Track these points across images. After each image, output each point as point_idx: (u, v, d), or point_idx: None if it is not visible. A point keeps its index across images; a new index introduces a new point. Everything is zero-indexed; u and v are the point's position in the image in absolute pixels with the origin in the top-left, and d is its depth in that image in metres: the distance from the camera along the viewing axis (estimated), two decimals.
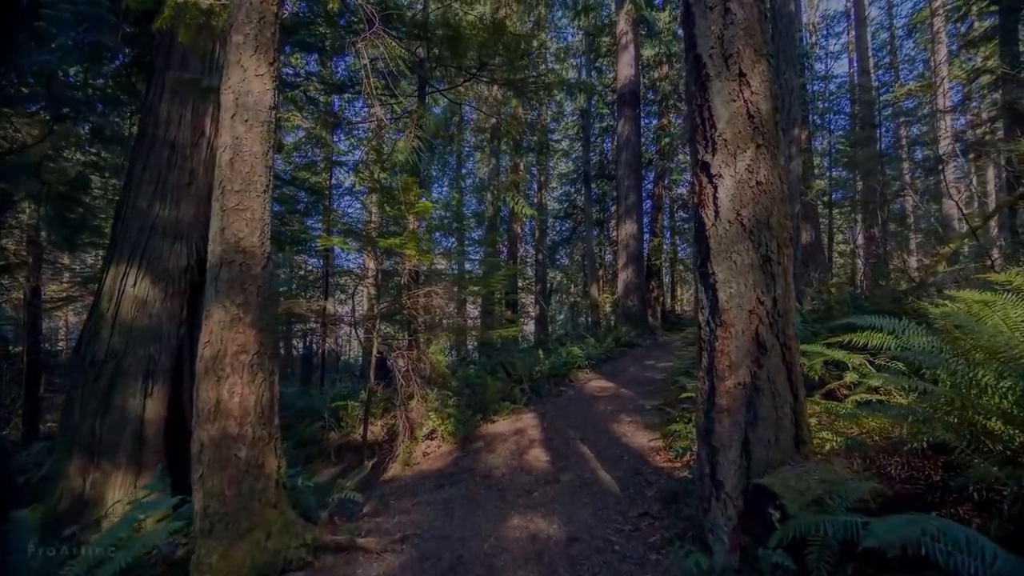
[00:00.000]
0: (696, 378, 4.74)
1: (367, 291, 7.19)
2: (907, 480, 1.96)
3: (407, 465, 5.69)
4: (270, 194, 2.85)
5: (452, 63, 9.70)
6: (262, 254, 2.76)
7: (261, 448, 2.63)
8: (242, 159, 2.75)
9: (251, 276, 2.69)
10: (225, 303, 2.64)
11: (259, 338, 2.70)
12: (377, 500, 4.77)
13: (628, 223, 11.47)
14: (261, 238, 2.76)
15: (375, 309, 6.69)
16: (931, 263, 7.14)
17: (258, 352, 2.68)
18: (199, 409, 2.61)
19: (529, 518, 3.42)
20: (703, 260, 2.42)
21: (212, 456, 2.55)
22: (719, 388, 2.30)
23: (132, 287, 4.80)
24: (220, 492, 2.53)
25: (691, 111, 2.54)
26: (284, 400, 9.49)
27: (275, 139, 3.71)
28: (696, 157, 2.49)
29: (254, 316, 2.68)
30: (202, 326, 2.70)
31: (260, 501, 2.60)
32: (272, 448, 2.71)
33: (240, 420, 2.58)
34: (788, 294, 2.28)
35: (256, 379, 2.66)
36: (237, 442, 2.57)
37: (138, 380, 4.70)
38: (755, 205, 2.28)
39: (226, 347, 2.61)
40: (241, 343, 2.63)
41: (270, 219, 2.83)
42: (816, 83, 15.08)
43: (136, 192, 5.02)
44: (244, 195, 2.73)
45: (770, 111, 2.37)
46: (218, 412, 2.57)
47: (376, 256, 6.72)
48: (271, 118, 2.88)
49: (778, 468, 2.16)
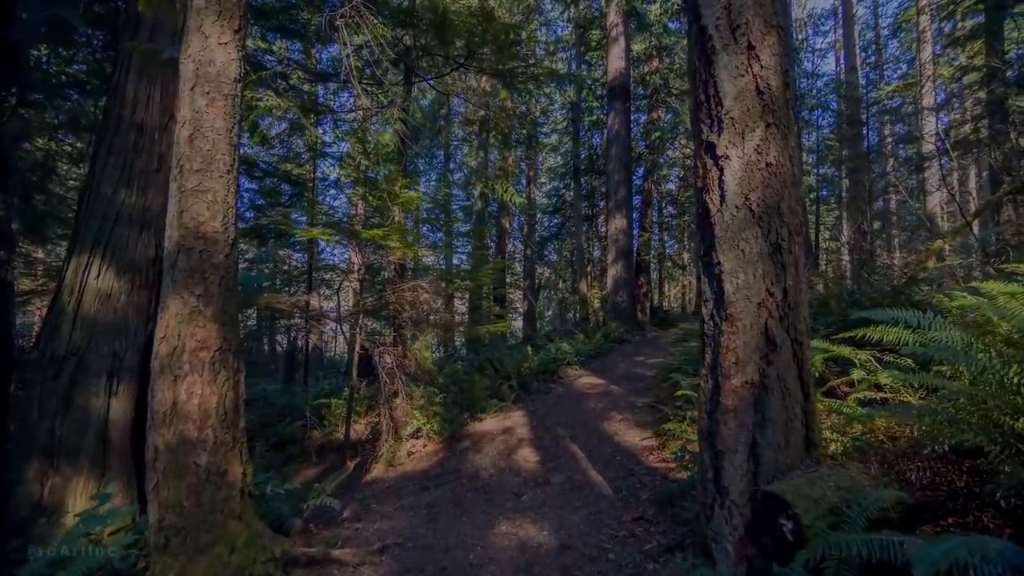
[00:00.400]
0: (698, 376, 4.61)
1: (352, 286, 6.93)
2: (928, 486, 1.81)
3: (391, 466, 5.47)
4: (235, 175, 2.59)
5: (439, 52, 9.42)
6: (225, 240, 2.50)
7: (224, 454, 2.39)
8: (203, 136, 2.49)
9: (213, 265, 2.44)
10: (183, 294, 2.38)
11: (222, 333, 2.45)
12: (358, 503, 4.54)
13: (618, 218, 11.33)
14: (224, 223, 2.50)
15: (358, 304, 6.43)
16: (920, 259, 7.12)
17: (220, 348, 2.43)
18: (154, 411, 2.35)
19: (518, 524, 3.23)
20: (707, 249, 2.24)
21: (168, 463, 2.30)
22: (724, 387, 2.12)
23: (95, 279, 4.48)
24: (177, 503, 2.29)
25: (694, 88, 2.35)
26: (266, 398, 9.18)
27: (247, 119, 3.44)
28: (700, 138, 2.30)
29: (216, 308, 2.43)
30: (158, 320, 2.44)
31: (222, 512, 2.36)
32: (237, 453, 2.46)
33: (200, 423, 2.33)
34: (799, 285, 2.11)
35: (218, 378, 2.41)
36: (196, 448, 2.32)
37: (101, 378, 4.40)
38: (765, 189, 2.11)
39: (184, 343, 2.35)
40: (201, 338, 2.38)
41: (235, 202, 2.58)
42: (803, 80, 15.10)
43: (100, 178, 4.70)
44: (205, 175, 2.47)
45: (781, 87, 2.19)
46: (175, 415, 2.31)
47: (360, 249, 6.45)
48: (236, 92, 2.62)
49: (788, 473, 2.00)
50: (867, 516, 1.64)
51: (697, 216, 2.34)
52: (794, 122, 2.18)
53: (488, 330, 7.88)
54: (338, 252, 16.03)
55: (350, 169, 8.18)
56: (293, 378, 12.19)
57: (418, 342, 7.65)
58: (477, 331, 8.33)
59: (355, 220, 10.40)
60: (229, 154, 2.55)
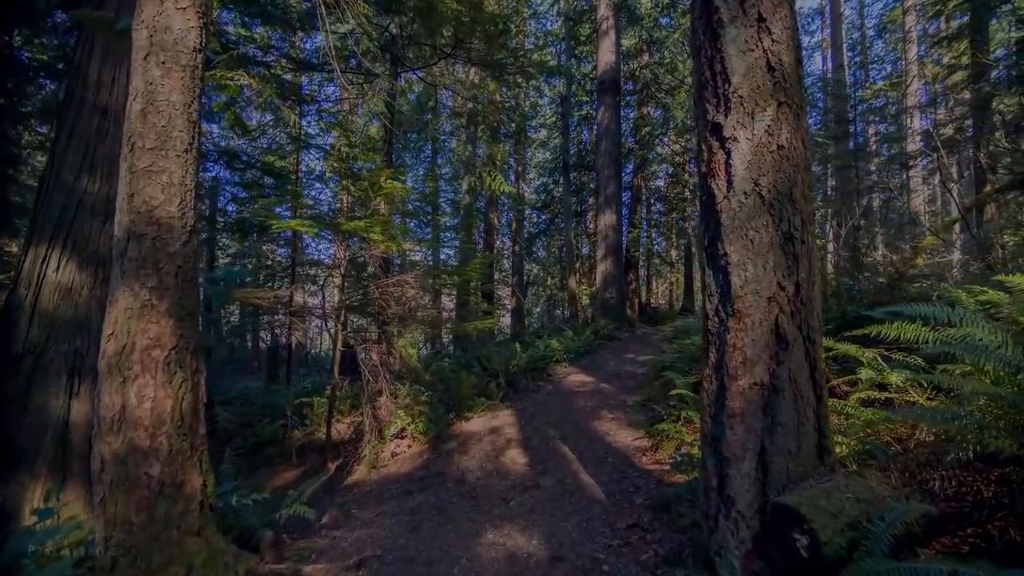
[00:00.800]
0: (693, 375, 4.47)
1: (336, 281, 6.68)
2: (953, 497, 1.66)
3: (374, 467, 5.24)
4: (195, 155, 2.34)
5: (426, 41, 9.14)
6: (182, 227, 2.25)
7: (180, 463, 2.15)
8: (157, 110, 2.23)
9: (168, 254, 2.19)
10: (133, 286, 2.13)
11: (179, 329, 2.20)
12: (338, 509, 4.32)
13: (607, 213, 11.19)
14: (181, 207, 2.25)
15: (340, 299, 6.17)
16: (911, 256, 7.10)
17: (177, 347, 2.19)
18: (100, 417, 2.11)
19: (506, 532, 3.05)
20: (712, 239, 2.07)
21: (116, 475, 2.06)
22: (731, 388, 1.96)
23: (55, 272, 4.19)
24: (126, 519, 2.05)
25: (699, 65, 2.17)
26: (246, 396, 8.85)
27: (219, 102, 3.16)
28: (705, 118, 2.12)
29: (172, 302, 2.19)
30: (106, 315, 2.19)
31: (178, 528, 2.13)
32: (195, 463, 2.23)
33: (152, 430, 2.09)
34: (812, 278, 1.95)
35: (174, 379, 2.17)
36: (148, 457, 2.08)
37: (61, 377, 4.12)
38: (776, 173, 1.94)
39: (134, 340, 2.11)
40: (154, 335, 2.13)
41: (194, 185, 2.32)
42: None
43: (61, 164, 4.39)
44: (159, 154, 2.21)
45: (793, 63, 2.02)
46: (124, 421, 2.07)
47: (344, 243, 6.18)
48: (196, 63, 2.36)
49: (800, 483, 1.84)
50: (893, 533, 1.48)
51: (702, 204, 2.16)
52: (805, 102, 2.02)
53: (475, 327, 7.67)
54: (324, 247, 15.65)
55: (335, 161, 7.90)
56: (276, 376, 11.87)
57: (403, 339, 7.41)
58: (464, 328, 8.12)
59: (340, 214, 10.09)
60: (187, 131, 2.29)
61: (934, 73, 12.68)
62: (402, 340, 7.55)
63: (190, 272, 2.26)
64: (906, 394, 2.58)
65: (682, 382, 4.06)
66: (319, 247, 14.89)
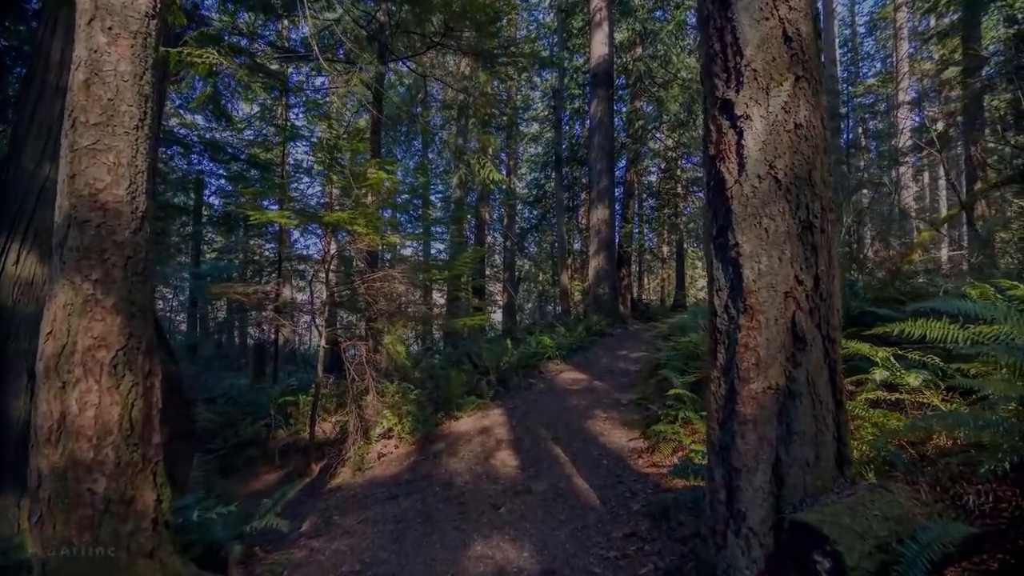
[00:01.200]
0: (690, 374, 4.30)
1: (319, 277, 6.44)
2: (989, 513, 1.50)
3: (359, 470, 5.03)
4: (147, 133, 2.09)
5: (415, 29, 8.86)
6: (133, 213, 2.01)
7: (130, 477, 1.93)
8: (103, 81, 1.98)
9: (115, 243, 1.95)
10: (75, 279, 1.89)
11: (128, 328, 1.97)
12: (319, 515, 4.11)
13: (600, 208, 11.01)
14: (131, 191, 2.01)
15: (324, 295, 5.92)
16: (908, 251, 7.03)
17: (126, 347, 1.95)
18: (37, 427, 1.87)
19: (495, 543, 2.85)
20: (721, 228, 1.88)
21: (55, 491, 1.83)
22: (741, 392, 1.78)
23: (14, 265, 3.90)
24: (66, 540, 1.82)
25: (707, 37, 1.98)
26: (230, 395, 8.55)
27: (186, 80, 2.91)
28: (714, 95, 1.93)
29: (120, 298, 1.95)
30: (44, 311, 1.95)
31: (128, 550, 1.90)
32: (148, 476, 2.00)
33: (96, 441, 1.86)
34: (832, 271, 1.77)
35: (122, 384, 1.93)
36: (92, 472, 1.85)
37: (22, 378, 3.84)
38: (793, 155, 1.75)
39: (76, 340, 1.87)
40: (99, 334, 1.90)
41: (146, 167, 2.08)
42: None
43: (22, 150, 4.09)
44: (105, 130, 1.97)
45: (811, 34, 1.83)
46: (64, 431, 1.84)
47: (332, 236, 5.93)
48: (148, 29, 2.11)
49: (819, 497, 1.67)
50: (929, 558, 1.31)
51: (709, 189, 1.97)
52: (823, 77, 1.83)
53: (466, 323, 7.47)
54: (313, 242, 15.28)
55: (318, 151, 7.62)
56: (263, 373, 11.60)
57: (389, 336, 7.18)
58: (455, 323, 7.91)
59: (329, 208, 9.81)
60: (138, 106, 2.05)
61: (926, 69, 12.67)
62: (389, 337, 7.32)
63: (141, 264, 2.02)
64: (919, 395, 2.43)
65: (680, 381, 3.89)
66: (308, 242, 14.53)
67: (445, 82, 13.15)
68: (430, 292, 13.03)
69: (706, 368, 2.02)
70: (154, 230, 2.33)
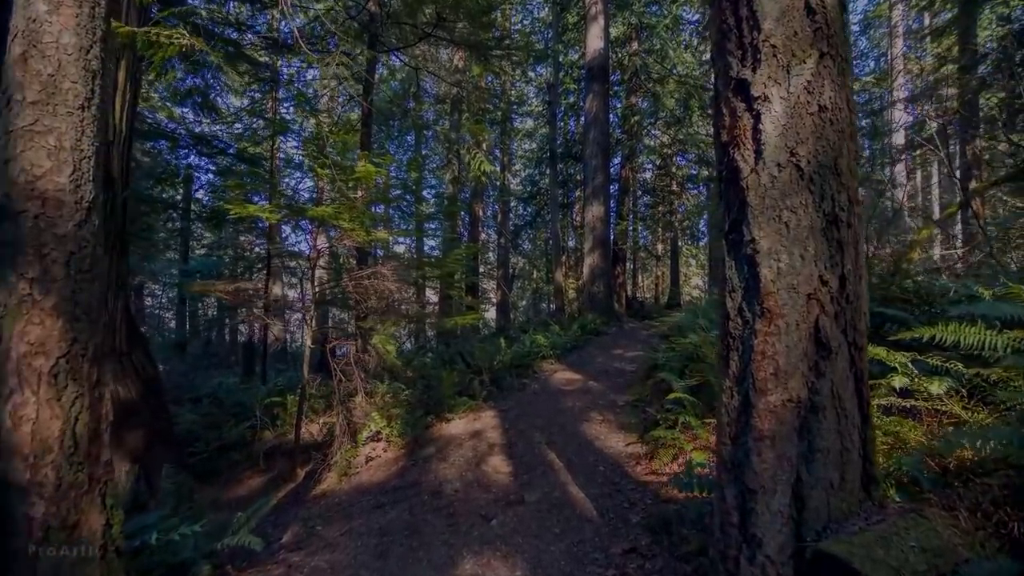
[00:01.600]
0: (691, 376, 4.12)
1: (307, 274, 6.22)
2: None
3: (345, 475, 4.83)
4: (94, 114, 1.87)
5: (407, 20, 8.60)
6: (75, 203, 1.79)
7: (73, 500, 1.72)
8: (42, 54, 1.76)
9: (55, 236, 1.73)
10: (8, 278, 1.67)
11: (71, 333, 1.75)
12: (301, 525, 3.90)
13: (595, 205, 10.84)
14: (75, 179, 1.79)
15: (312, 293, 5.70)
16: (907, 249, 6.90)
17: (68, 354, 1.74)
18: None
19: (486, 560, 2.67)
20: (735, 222, 1.70)
21: None
22: (758, 405, 1.60)
23: None
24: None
25: (719, 11, 1.79)
26: (216, 395, 8.29)
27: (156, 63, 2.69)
28: (727, 75, 1.74)
29: (62, 298, 1.73)
30: None
31: None
32: (95, 498, 1.79)
33: (34, 460, 1.65)
34: (860, 271, 1.59)
35: (64, 395, 1.72)
36: (29, 495, 1.64)
37: None
38: (817, 140, 1.57)
39: (9, 347, 1.65)
40: (36, 340, 1.68)
41: (94, 152, 1.86)
42: None
43: None
44: (45, 109, 1.75)
45: (837, 7, 1.65)
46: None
47: (316, 232, 5.70)
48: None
49: (845, 522, 1.49)
50: None
51: (721, 179, 1.78)
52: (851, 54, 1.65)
53: (459, 321, 7.27)
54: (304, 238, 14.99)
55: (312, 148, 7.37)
56: (253, 371, 11.34)
57: (378, 335, 6.97)
58: (447, 322, 7.71)
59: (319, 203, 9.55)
60: (84, 83, 1.83)
61: (922, 67, 12.59)
62: (378, 336, 7.10)
63: (88, 260, 1.80)
64: (938, 402, 2.27)
65: (680, 385, 3.72)
66: (299, 238, 14.24)
67: (438, 76, 12.88)
68: (423, 290, 12.80)
69: (709, 372, 1.86)
70: (140, 226, 2.10)
